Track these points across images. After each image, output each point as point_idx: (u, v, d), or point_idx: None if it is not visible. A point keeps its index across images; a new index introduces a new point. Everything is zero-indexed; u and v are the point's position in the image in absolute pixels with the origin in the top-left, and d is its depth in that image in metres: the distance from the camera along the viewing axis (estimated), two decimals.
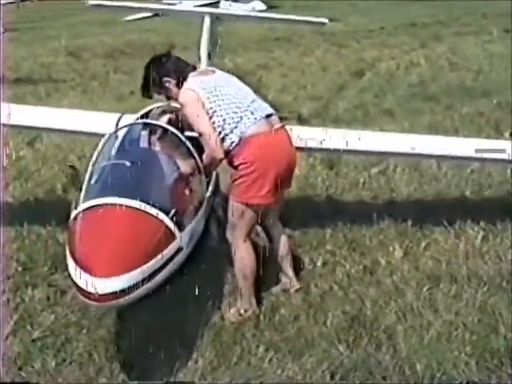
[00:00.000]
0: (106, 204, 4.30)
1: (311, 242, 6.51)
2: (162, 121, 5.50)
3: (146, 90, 5.45)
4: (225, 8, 28.45)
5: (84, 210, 4.35)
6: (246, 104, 5.15)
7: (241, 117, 5.08)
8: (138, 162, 4.78)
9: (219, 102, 5.09)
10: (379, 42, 20.42)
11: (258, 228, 5.71)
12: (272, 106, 5.47)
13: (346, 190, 8.07)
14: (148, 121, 5.42)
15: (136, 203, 4.30)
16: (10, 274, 6.08)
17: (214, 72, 5.36)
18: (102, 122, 6.39)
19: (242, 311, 5.30)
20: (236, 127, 5.07)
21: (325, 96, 13.22)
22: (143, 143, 5.14)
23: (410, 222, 6.80)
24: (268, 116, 5.20)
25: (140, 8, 11.05)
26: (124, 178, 4.64)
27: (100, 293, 3.89)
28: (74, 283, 4.04)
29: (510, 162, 6.55)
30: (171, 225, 4.38)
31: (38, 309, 5.57)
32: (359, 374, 4.59)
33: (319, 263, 6.16)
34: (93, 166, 5.01)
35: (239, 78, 5.54)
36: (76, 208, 4.50)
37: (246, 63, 17.09)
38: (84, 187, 4.74)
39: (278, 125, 5.25)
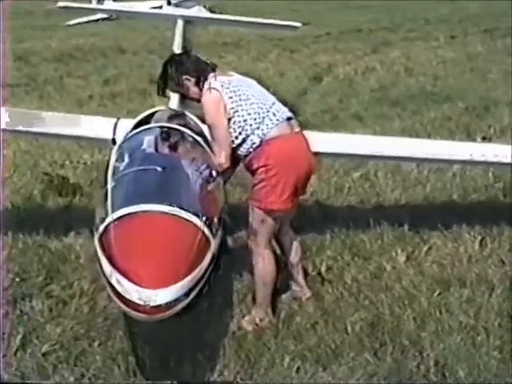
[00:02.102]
0: (146, 211, 4.12)
1: (310, 248, 6.41)
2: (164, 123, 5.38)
3: (163, 88, 5.29)
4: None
5: (119, 218, 4.14)
6: (267, 105, 5.06)
7: (263, 118, 4.99)
8: (168, 168, 4.62)
9: (241, 103, 4.99)
10: (330, 47, 20.48)
11: None
12: None
13: (332, 195, 8.00)
14: (176, 126, 5.25)
15: (176, 210, 4.14)
16: (6, 285, 5.83)
17: (233, 74, 5.25)
18: (97, 126, 6.23)
19: (257, 320, 5.17)
20: (258, 128, 4.97)
21: (288, 101, 13.10)
22: (164, 148, 4.98)
23: (406, 227, 6.74)
24: (289, 119, 5.11)
25: (109, 10, 10.86)
26: (157, 184, 4.48)
27: (152, 305, 3.72)
28: (118, 295, 3.85)
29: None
30: (207, 231, 4.24)
31: (41, 321, 5.34)
32: (393, 382, 4.50)
33: (323, 269, 6.05)
34: (114, 172, 4.79)
35: None
36: (105, 216, 4.26)
37: None
38: (110, 194, 4.50)
39: (297, 128, 5.17)
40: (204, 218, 4.26)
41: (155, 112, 5.94)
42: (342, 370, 4.62)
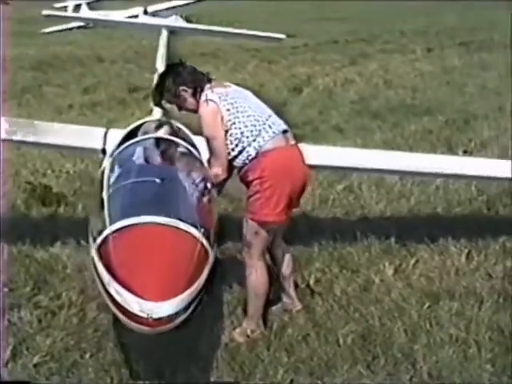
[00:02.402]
0: (146, 223, 4.10)
1: (298, 260, 6.39)
2: (160, 134, 5.37)
3: (159, 99, 5.28)
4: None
5: (118, 230, 4.12)
6: (264, 118, 5.07)
7: (259, 130, 5.00)
8: (166, 179, 4.61)
9: (238, 115, 4.99)
10: (308, 59, 20.55)
11: None
12: None
13: (317, 207, 8.01)
14: (171, 137, 5.25)
15: (175, 221, 4.13)
16: None
17: (229, 85, 5.25)
18: (87, 136, 6.21)
19: (249, 332, 5.16)
20: (254, 140, 4.98)
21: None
22: (161, 160, 4.98)
23: (393, 240, 6.77)
24: (284, 132, 5.12)
25: (96, 20, 10.83)
26: (156, 196, 4.47)
27: (154, 317, 3.71)
28: (119, 307, 3.83)
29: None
30: (206, 243, 4.23)
31: (31, 332, 5.29)
32: None
33: (312, 281, 6.06)
34: (109, 183, 4.77)
35: None
36: (103, 228, 4.24)
37: None
38: (106, 205, 4.48)
39: (292, 141, 5.19)
40: (202, 230, 4.25)
41: (145, 122, 5.94)
42: (336, 383, 4.62)
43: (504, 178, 6.60)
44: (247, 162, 5.01)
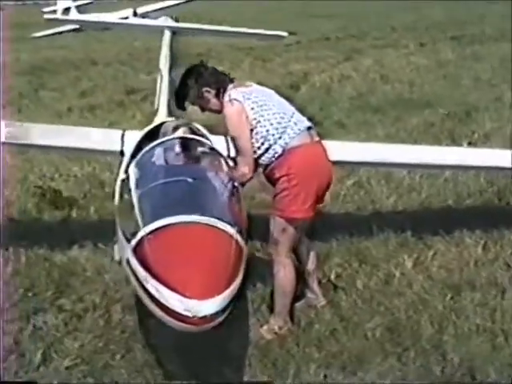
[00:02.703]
0: (183, 222, 4.10)
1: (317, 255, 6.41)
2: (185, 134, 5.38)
3: (182, 101, 5.28)
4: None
5: (155, 230, 4.11)
6: (288, 115, 5.09)
7: (285, 128, 5.02)
8: (197, 179, 4.62)
9: (263, 113, 5.01)
10: (302, 56, 20.56)
11: None
12: None
13: (329, 203, 8.00)
14: (197, 137, 5.25)
15: (212, 220, 4.14)
16: (16, 300, 5.77)
17: (251, 85, 5.26)
18: (104, 138, 6.21)
19: (276, 328, 5.17)
20: (280, 138, 5.00)
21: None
22: (189, 159, 5.00)
23: (409, 233, 6.79)
24: (309, 128, 5.14)
25: (98, 22, 10.82)
26: (190, 195, 4.48)
27: (199, 316, 3.72)
28: (162, 306, 3.83)
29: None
30: (240, 240, 4.24)
31: (58, 336, 5.29)
32: None
33: (333, 277, 6.08)
34: (137, 184, 4.75)
35: None
36: (137, 229, 4.23)
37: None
38: (138, 206, 4.45)
39: (316, 138, 5.20)
40: (236, 228, 4.26)
41: (163, 123, 5.94)
42: (370, 376, 4.64)
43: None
44: (273, 159, 5.02)
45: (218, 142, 5.77)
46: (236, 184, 4.92)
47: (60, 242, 6.80)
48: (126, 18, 28.87)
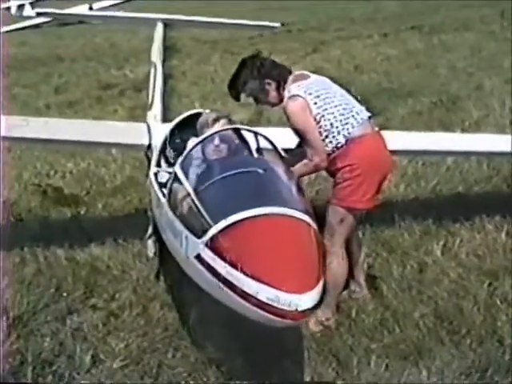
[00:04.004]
0: (265, 214, 3.97)
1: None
2: (218, 128, 5.24)
3: (239, 91, 5.15)
4: None
5: (234, 224, 3.97)
6: (350, 106, 5.05)
7: (347, 118, 4.97)
8: (266, 170, 4.51)
9: (326, 106, 4.93)
10: (268, 48, 20.36)
11: None
12: None
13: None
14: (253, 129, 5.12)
15: (291, 211, 4.04)
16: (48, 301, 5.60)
17: (309, 76, 5.15)
18: (128, 131, 6.07)
19: (323, 320, 5.09)
20: (343, 128, 4.93)
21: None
22: (251, 151, 4.90)
23: (430, 221, 6.76)
24: (369, 118, 5.08)
25: (89, 16, 10.60)
26: (263, 187, 4.37)
27: (299, 310, 3.61)
28: (253, 301, 3.70)
29: None
30: (317, 232, 4.15)
31: (99, 336, 5.13)
32: (492, 372, 4.50)
33: (365, 266, 6.00)
34: (198, 177, 4.60)
35: None
36: (206, 225, 4.08)
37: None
38: (206, 200, 4.27)
39: (376, 128, 5.15)
40: (312, 217, 4.18)
41: (195, 114, 5.81)
42: (436, 365, 4.59)
43: None
44: (335, 149, 4.94)
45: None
46: (294, 175, 4.81)
47: (76, 240, 6.62)
48: None
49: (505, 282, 5.65)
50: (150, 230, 5.80)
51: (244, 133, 5.20)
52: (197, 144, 4.82)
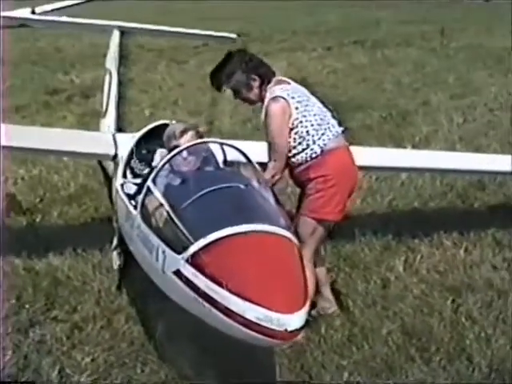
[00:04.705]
0: (247, 232, 3.91)
1: None
2: (185, 139, 5.17)
3: (223, 82, 5.11)
4: None
5: (216, 241, 3.89)
6: (327, 118, 5.08)
7: (324, 129, 4.99)
8: (246, 186, 4.46)
9: (305, 114, 4.96)
10: (214, 58, 20.18)
11: None
12: None
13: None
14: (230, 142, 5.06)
15: (274, 228, 4.00)
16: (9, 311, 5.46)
17: (290, 82, 5.15)
18: (95, 141, 5.97)
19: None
20: (319, 139, 4.95)
21: (203, 110, 13.00)
22: (229, 166, 4.86)
23: (390, 236, 6.81)
24: (342, 132, 5.10)
25: (52, 21, 10.50)
26: (245, 203, 4.31)
27: (288, 330, 3.56)
28: (245, 321, 3.62)
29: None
30: (299, 248, 4.13)
31: (63, 349, 5.02)
32: None
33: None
34: (175, 192, 4.50)
35: None
36: (186, 242, 4.01)
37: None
38: (186, 216, 4.18)
39: (346, 142, 5.17)
40: (293, 234, 4.15)
41: (161, 125, 5.74)
42: (409, 383, 4.61)
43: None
44: (309, 159, 4.94)
45: None
46: (272, 190, 4.78)
47: (33, 249, 6.46)
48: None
49: (468, 300, 5.69)
50: (115, 242, 5.70)
51: (212, 146, 5.12)
52: (173, 156, 4.73)
